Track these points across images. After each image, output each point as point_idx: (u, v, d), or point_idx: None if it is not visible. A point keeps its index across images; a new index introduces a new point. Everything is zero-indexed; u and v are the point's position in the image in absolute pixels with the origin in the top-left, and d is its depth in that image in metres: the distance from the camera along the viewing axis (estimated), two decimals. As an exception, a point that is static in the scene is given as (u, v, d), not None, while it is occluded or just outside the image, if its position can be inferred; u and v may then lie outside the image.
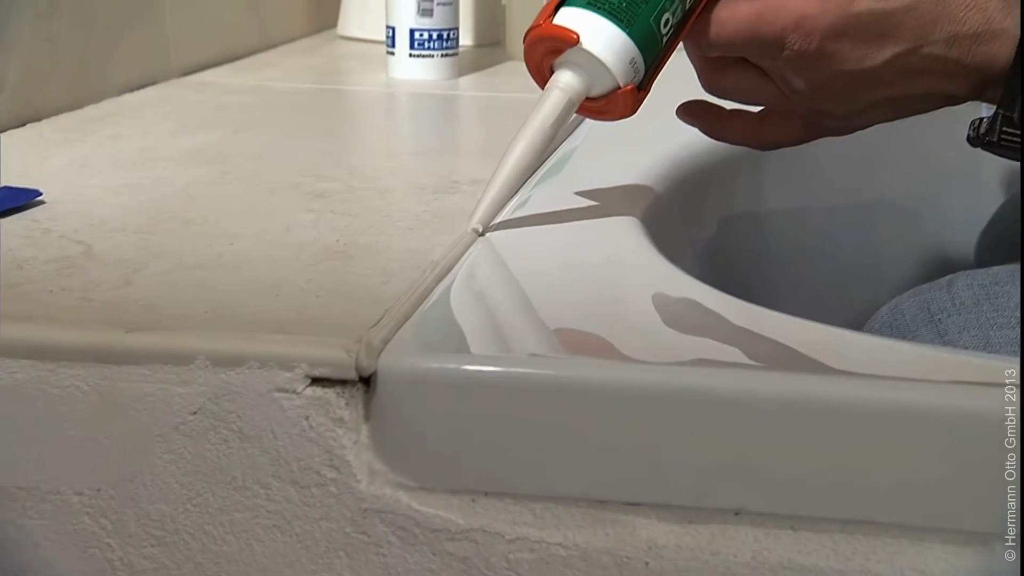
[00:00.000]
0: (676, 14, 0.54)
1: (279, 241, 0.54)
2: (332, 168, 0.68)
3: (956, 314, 0.59)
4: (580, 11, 0.53)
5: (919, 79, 0.54)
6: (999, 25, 0.52)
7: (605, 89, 0.54)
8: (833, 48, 0.53)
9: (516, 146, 0.55)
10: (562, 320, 0.50)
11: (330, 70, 1.02)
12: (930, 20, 0.52)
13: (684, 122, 0.60)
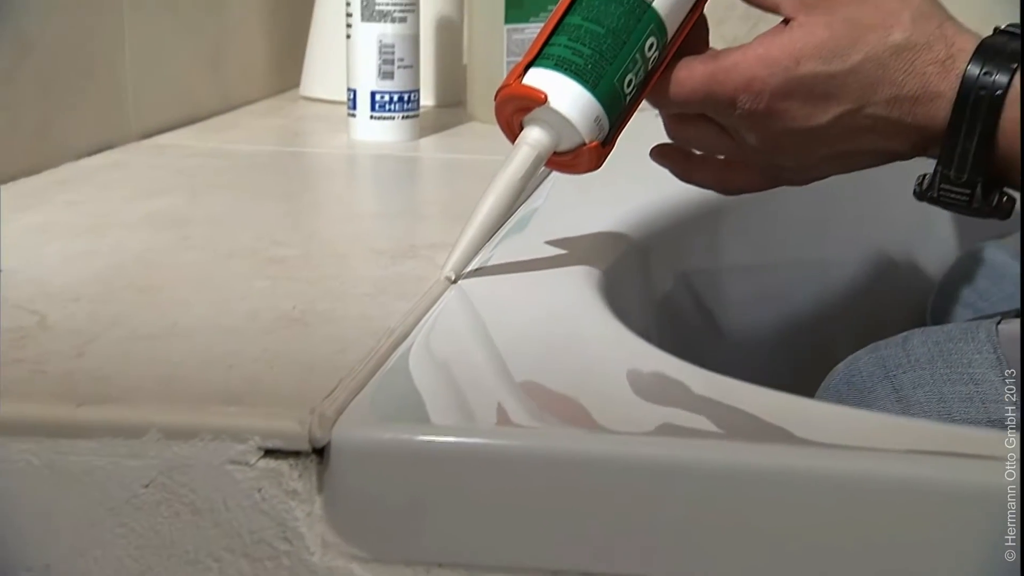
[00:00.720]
0: (639, 74, 0.57)
1: (234, 309, 0.54)
2: (290, 233, 0.68)
3: (911, 370, 0.61)
4: (548, 72, 0.56)
5: (865, 136, 0.57)
6: (935, 89, 0.55)
7: (572, 145, 0.58)
8: (781, 107, 0.56)
9: (488, 198, 0.58)
10: (520, 387, 0.50)
11: (291, 132, 1.02)
12: (871, 83, 0.55)
13: (656, 163, 0.63)
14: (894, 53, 0.55)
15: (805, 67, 0.55)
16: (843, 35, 0.55)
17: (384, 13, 0.92)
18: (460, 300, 0.58)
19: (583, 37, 0.57)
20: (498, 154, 0.89)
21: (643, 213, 0.76)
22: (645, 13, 0.57)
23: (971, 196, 0.55)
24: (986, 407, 0.58)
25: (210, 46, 1.04)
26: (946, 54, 0.55)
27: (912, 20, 0.55)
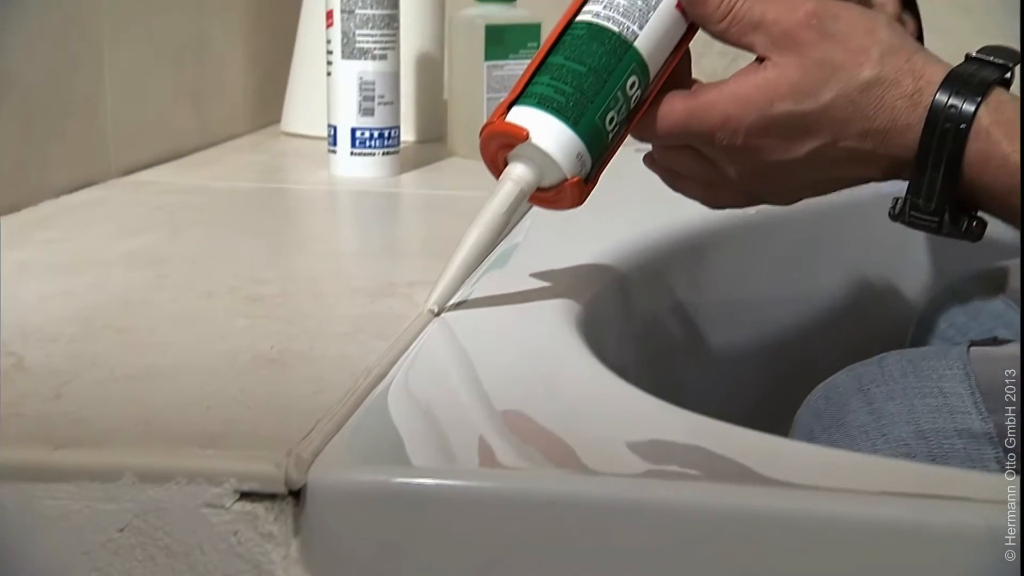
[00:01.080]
0: (621, 112, 0.59)
1: (212, 349, 0.54)
2: (269, 271, 0.68)
3: (884, 384, 0.62)
4: (531, 109, 0.58)
5: (840, 166, 0.59)
6: (905, 121, 0.56)
7: (554, 181, 0.59)
8: (757, 143, 0.58)
9: (471, 232, 0.60)
10: (500, 428, 0.50)
11: (272, 168, 1.02)
12: (843, 119, 0.57)
13: (648, 168, 0.65)
14: (864, 90, 0.56)
15: (779, 107, 0.57)
16: (814, 75, 0.57)
17: (364, 50, 0.92)
18: (440, 338, 0.58)
19: (565, 76, 0.58)
20: (479, 189, 0.90)
21: (624, 247, 0.76)
22: (627, 53, 0.58)
23: (940, 222, 0.57)
24: (953, 417, 0.59)
25: (191, 82, 1.04)
26: (914, 88, 0.56)
27: (880, 56, 0.57)
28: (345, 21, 0.92)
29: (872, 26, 0.57)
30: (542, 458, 0.48)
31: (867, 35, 0.57)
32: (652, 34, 0.59)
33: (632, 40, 0.58)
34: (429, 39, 1.11)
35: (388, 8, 0.93)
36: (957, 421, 0.59)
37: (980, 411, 0.59)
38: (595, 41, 0.58)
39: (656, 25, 0.59)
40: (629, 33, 0.58)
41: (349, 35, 0.92)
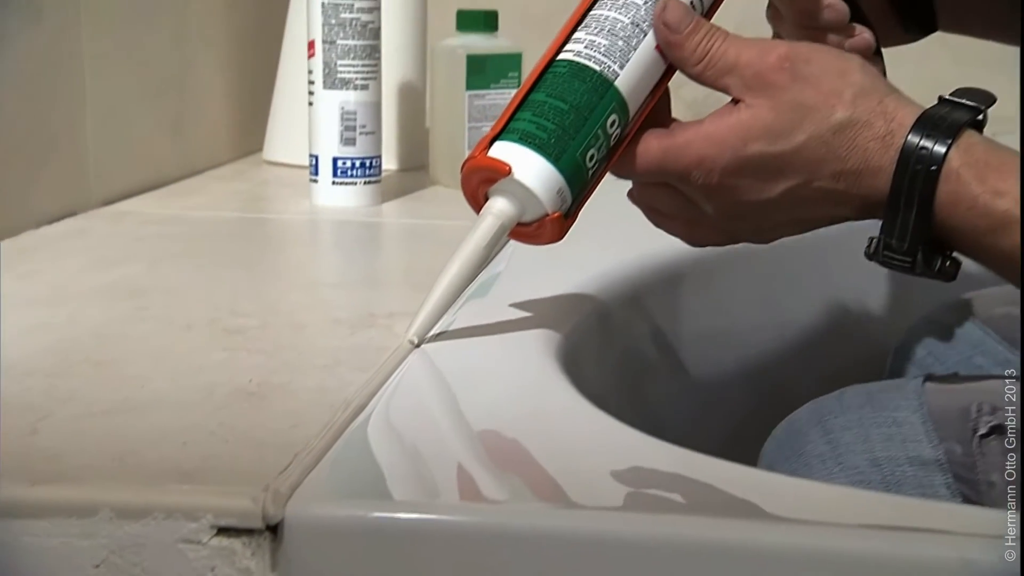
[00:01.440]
0: (601, 149, 0.59)
1: (190, 382, 0.54)
2: (249, 302, 0.68)
3: (841, 415, 0.63)
4: (512, 145, 0.58)
5: (814, 206, 0.59)
6: (877, 163, 0.57)
7: (535, 216, 0.59)
8: (732, 183, 0.59)
9: (452, 266, 0.60)
10: (481, 461, 0.50)
11: (253, 197, 1.02)
12: (816, 160, 0.58)
13: (632, 202, 0.65)
14: (837, 131, 0.57)
15: (752, 148, 0.58)
16: (787, 117, 0.57)
17: (346, 80, 0.93)
18: (420, 370, 0.58)
19: (547, 113, 0.58)
20: (460, 219, 0.90)
21: (604, 277, 0.76)
22: (607, 91, 0.59)
23: (913, 262, 0.57)
24: (905, 445, 0.60)
25: (173, 111, 1.04)
26: (886, 130, 0.57)
27: (853, 98, 0.57)
28: (327, 52, 0.92)
29: (845, 69, 0.58)
30: (524, 492, 0.48)
31: (839, 78, 0.57)
32: (632, 74, 0.60)
33: (613, 79, 0.59)
34: (411, 68, 1.11)
35: (369, 39, 0.93)
36: (909, 449, 0.60)
37: (931, 439, 0.60)
38: (577, 79, 0.59)
39: (636, 65, 0.60)
40: (610, 72, 0.59)
41: (331, 65, 0.93)
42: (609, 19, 0.60)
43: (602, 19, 0.60)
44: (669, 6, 0.59)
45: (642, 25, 0.60)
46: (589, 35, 0.60)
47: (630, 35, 0.60)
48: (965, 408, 0.59)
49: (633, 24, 0.60)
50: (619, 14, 0.60)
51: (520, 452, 0.51)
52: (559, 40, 0.61)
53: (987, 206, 0.54)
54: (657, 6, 0.60)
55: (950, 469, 0.60)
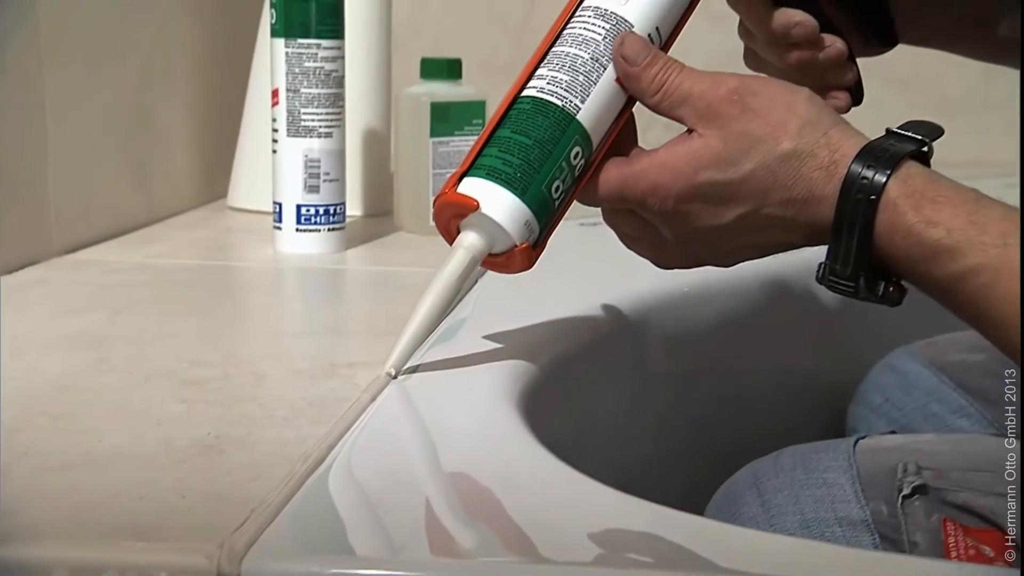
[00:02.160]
0: (566, 180, 0.62)
1: (149, 435, 0.54)
2: (210, 352, 0.68)
3: (775, 477, 0.64)
4: (480, 181, 0.61)
5: (765, 232, 0.62)
6: (821, 192, 0.59)
7: (505, 247, 0.62)
8: (686, 209, 0.61)
9: (426, 298, 0.63)
10: (444, 514, 0.50)
11: (217, 244, 1.02)
12: (764, 188, 0.60)
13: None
14: (783, 161, 0.59)
15: (703, 176, 0.60)
16: (735, 146, 0.60)
17: (310, 128, 0.93)
18: (381, 420, 0.58)
19: (512, 148, 0.61)
20: (424, 265, 0.91)
21: (567, 323, 0.77)
22: (570, 125, 0.62)
23: (856, 287, 0.59)
24: (834, 507, 0.61)
25: (136, 158, 1.04)
26: (829, 160, 0.58)
27: (798, 130, 0.59)
28: (290, 100, 0.93)
29: (791, 101, 0.60)
30: (490, 546, 0.48)
31: (786, 110, 0.60)
32: (593, 107, 0.62)
33: (575, 113, 0.62)
34: (376, 115, 1.12)
35: (333, 87, 0.93)
36: (838, 510, 0.61)
37: (860, 500, 0.61)
38: (540, 115, 0.61)
39: (597, 98, 0.62)
40: (572, 106, 0.62)
41: (295, 114, 0.93)
42: (570, 55, 0.63)
43: (563, 55, 0.63)
44: (627, 40, 0.62)
45: (601, 60, 0.63)
46: (551, 71, 0.62)
47: (590, 70, 0.62)
48: (892, 468, 0.61)
49: (593, 59, 0.63)
50: (579, 50, 0.63)
51: (484, 505, 0.51)
52: (523, 77, 0.63)
53: (920, 235, 0.56)
54: (616, 40, 0.63)
55: (876, 529, 0.61)
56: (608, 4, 0.64)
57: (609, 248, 0.99)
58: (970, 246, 0.54)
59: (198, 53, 1.15)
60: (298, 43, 0.92)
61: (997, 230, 0.54)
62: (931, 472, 0.60)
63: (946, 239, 0.55)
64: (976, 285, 0.54)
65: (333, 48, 0.93)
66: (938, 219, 0.55)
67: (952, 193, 0.56)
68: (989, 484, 0.60)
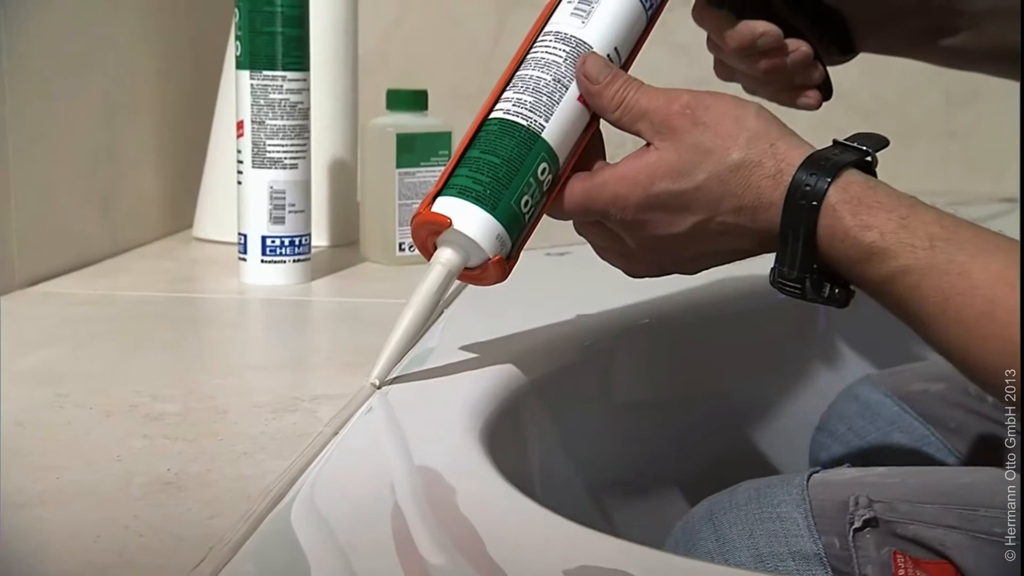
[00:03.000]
0: (535, 195, 0.66)
1: (108, 472, 0.54)
2: (172, 386, 0.67)
3: (730, 511, 0.65)
4: (452, 199, 0.65)
5: (722, 239, 0.65)
6: (768, 199, 0.62)
7: (479, 260, 0.66)
8: (645, 218, 0.65)
9: (406, 313, 0.67)
10: (407, 549, 0.50)
11: (182, 276, 1.02)
12: (716, 197, 0.63)
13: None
14: (732, 170, 0.62)
15: (658, 186, 0.64)
16: (689, 158, 0.63)
17: (275, 160, 0.93)
18: (343, 455, 0.58)
19: (482, 167, 0.65)
20: (389, 296, 0.91)
21: (532, 353, 0.77)
22: (536, 143, 0.65)
23: (803, 289, 0.62)
24: (788, 540, 0.62)
25: (100, 188, 1.04)
26: (776, 169, 0.61)
27: (747, 141, 0.62)
28: (256, 132, 0.93)
29: (740, 115, 0.63)
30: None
31: (735, 123, 0.63)
32: (558, 125, 0.66)
33: (540, 131, 0.66)
34: (342, 146, 1.12)
35: (299, 119, 0.94)
36: (791, 544, 0.62)
37: (812, 534, 0.62)
38: (506, 135, 0.65)
39: (561, 117, 0.66)
40: (536, 126, 0.66)
41: (260, 145, 0.93)
42: (533, 78, 0.66)
43: (527, 78, 0.67)
44: (589, 60, 0.66)
45: (563, 80, 0.66)
46: (516, 94, 0.66)
47: (553, 90, 0.66)
48: (844, 502, 0.62)
49: (555, 80, 0.66)
50: (542, 72, 0.66)
51: (447, 542, 0.51)
52: (490, 100, 0.67)
53: (856, 238, 0.58)
54: (579, 60, 0.66)
55: (829, 563, 0.62)
56: (568, 28, 0.68)
57: (575, 277, 1.00)
58: (900, 248, 0.57)
59: (164, 84, 1.15)
60: (263, 75, 0.92)
61: (925, 233, 0.57)
62: (882, 505, 0.61)
63: (879, 242, 0.58)
64: (905, 285, 0.57)
65: (298, 80, 0.93)
66: (873, 223, 0.58)
67: (888, 199, 0.59)
68: (938, 516, 0.61)
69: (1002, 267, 0.55)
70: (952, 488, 0.63)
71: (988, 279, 0.55)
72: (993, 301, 0.54)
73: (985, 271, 0.55)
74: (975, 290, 0.55)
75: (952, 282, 0.55)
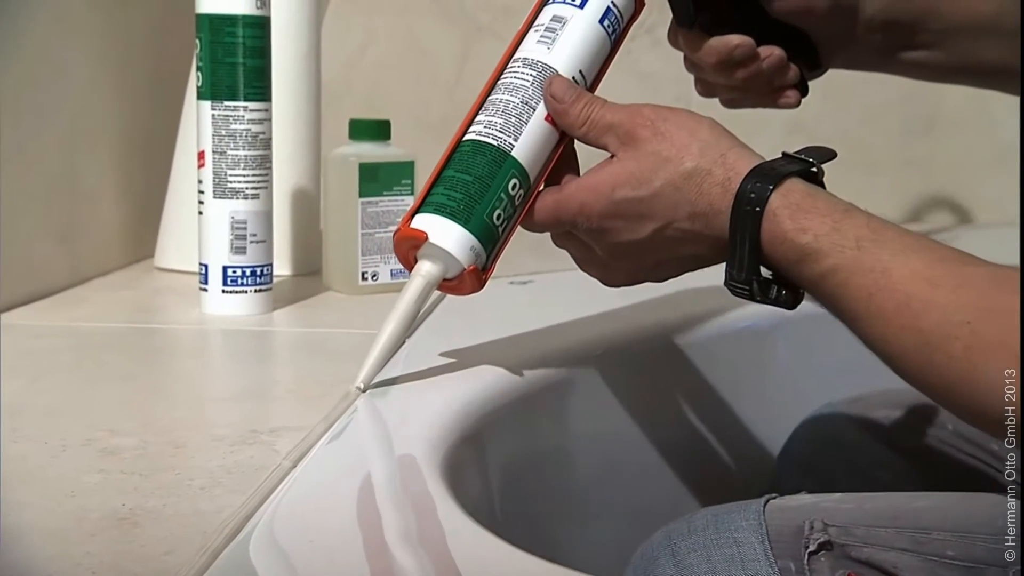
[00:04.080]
0: (507, 209, 0.70)
1: (61, 508, 0.53)
2: (129, 420, 0.67)
3: (688, 537, 0.66)
4: (429, 215, 0.70)
5: (679, 245, 0.68)
6: (719, 206, 0.66)
7: (456, 271, 0.70)
8: (608, 225, 0.69)
9: (389, 322, 0.71)
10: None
11: (142, 306, 1.01)
12: (672, 204, 0.67)
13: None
14: (686, 178, 0.66)
15: (619, 193, 0.68)
16: (647, 166, 0.67)
17: (236, 190, 0.93)
18: (301, 488, 0.58)
19: (455, 185, 0.69)
20: (351, 327, 0.91)
21: (492, 384, 0.77)
22: (505, 161, 0.70)
23: (751, 291, 0.65)
24: (745, 565, 0.63)
25: (60, 218, 1.03)
26: (724, 177, 0.66)
27: (700, 151, 0.66)
28: (217, 162, 0.93)
29: (695, 127, 0.67)
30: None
31: (690, 134, 0.67)
32: (527, 143, 0.71)
33: (509, 150, 0.70)
34: (305, 174, 1.12)
35: (260, 149, 0.93)
36: (748, 568, 0.63)
37: (768, 558, 0.63)
38: (478, 154, 0.70)
39: (529, 136, 0.71)
40: (506, 145, 0.70)
41: (221, 175, 0.93)
42: (502, 101, 0.71)
43: (497, 102, 0.71)
44: (554, 82, 0.71)
45: (531, 103, 0.71)
46: (487, 116, 0.71)
47: (521, 112, 0.71)
48: (799, 526, 0.63)
49: (523, 103, 0.71)
50: (511, 96, 0.71)
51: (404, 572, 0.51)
52: (464, 124, 0.72)
53: (793, 241, 0.62)
54: (545, 82, 0.71)
55: None
56: (534, 54, 0.72)
57: (537, 305, 1.00)
58: (831, 249, 0.61)
59: (125, 113, 1.15)
60: (224, 105, 0.92)
61: (854, 235, 0.61)
62: (836, 529, 0.62)
63: (813, 243, 0.62)
64: (835, 283, 0.61)
65: (260, 110, 0.93)
66: (808, 226, 0.62)
67: (824, 205, 0.63)
68: (892, 540, 0.62)
69: (920, 265, 0.58)
70: (905, 512, 0.64)
71: (907, 275, 0.58)
72: (910, 295, 0.57)
73: (905, 268, 0.58)
74: (894, 285, 0.58)
75: (875, 279, 0.59)
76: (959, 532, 0.61)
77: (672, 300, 0.98)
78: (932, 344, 0.56)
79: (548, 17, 0.74)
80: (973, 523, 0.61)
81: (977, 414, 0.55)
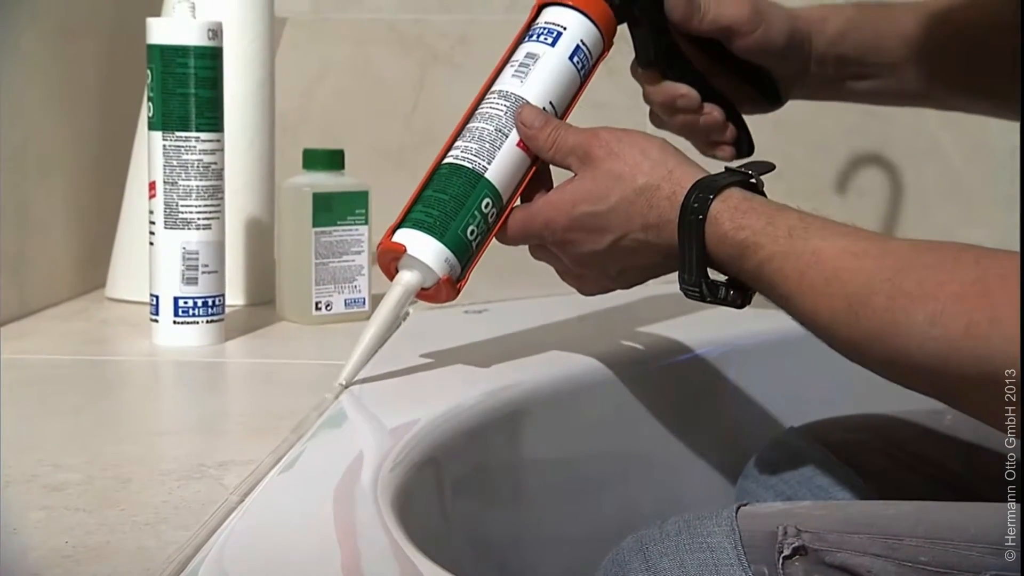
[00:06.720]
0: (480, 226, 0.78)
1: (4, 546, 0.52)
2: (75, 455, 0.66)
3: (660, 542, 0.67)
4: (408, 230, 0.77)
5: (636, 255, 0.75)
6: (668, 217, 0.72)
7: (432, 281, 0.77)
8: (571, 237, 0.76)
9: (371, 326, 0.77)
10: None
11: (92, 338, 1.00)
12: (627, 217, 0.74)
13: None
14: (638, 193, 0.73)
15: (579, 209, 0.75)
16: (603, 182, 0.74)
17: (188, 221, 0.92)
18: (248, 523, 0.57)
19: (432, 203, 0.77)
20: (304, 357, 0.91)
21: (446, 414, 0.76)
22: (479, 182, 0.77)
23: (701, 292, 0.71)
24: (719, 570, 0.64)
25: (10, 249, 1.02)
26: (671, 191, 0.72)
27: (650, 168, 0.73)
28: (168, 192, 0.92)
29: (646, 147, 0.74)
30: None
31: (641, 153, 0.74)
32: (500, 166, 0.78)
33: (483, 172, 0.77)
34: (259, 204, 1.11)
35: (212, 179, 0.93)
36: (722, 573, 0.64)
37: (742, 563, 0.64)
38: (454, 176, 0.77)
39: (502, 160, 0.78)
40: (480, 167, 0.78)
41: (172, 206, 0.92)
42: (478, 128, 0.79)
43: (473, 129, 0.79)
44: (525, 110, 0.78)
45: (504, 130, 0.79)
46: (464, 142, 0.79)
47: (494, 138, 0.78)
48: (773, 532, 0.63)
49: (496, 130, 0.79)
50: (485, 124, 0.79)
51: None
52: (444, 149, 0.79)
53: (733, 239, 0.69)
54: (516, 109, 0.78)
55: None
56: (508, 87, 0.80)
57: (490, 334, 0.99)
58: (766, 240, 0.67)
59: (76, 143, 1.14)
60: (176, 135, 0.91)
61: (786, 226, 0.66)
62: (810, 535, 0.63)
63: (750, 237, 0.68)
64: (771, 269, 0.66)
65: (212, 140, 0.92)
66: (745, 224, 0.68)
67: (760, 206, 0.69)
68: (865, 545, 0.63)
69: (847, 243, 0.63)
70: (878, 518, 0.65)
71: (836, 253, 0.63)
72: (838, 267, 0.62)
73: (834, 247, 0.63)
74: (824, 262, 0.63)
75: (807, 260, 0.64)
76: (931, 538, 0.62)
77: (630, 324, 0.99)
78: (858, 303, 0.60)
79: (523, 54, 0.81)
80: (945, 529, 0.63)
81: (895, 362, 0.59)
